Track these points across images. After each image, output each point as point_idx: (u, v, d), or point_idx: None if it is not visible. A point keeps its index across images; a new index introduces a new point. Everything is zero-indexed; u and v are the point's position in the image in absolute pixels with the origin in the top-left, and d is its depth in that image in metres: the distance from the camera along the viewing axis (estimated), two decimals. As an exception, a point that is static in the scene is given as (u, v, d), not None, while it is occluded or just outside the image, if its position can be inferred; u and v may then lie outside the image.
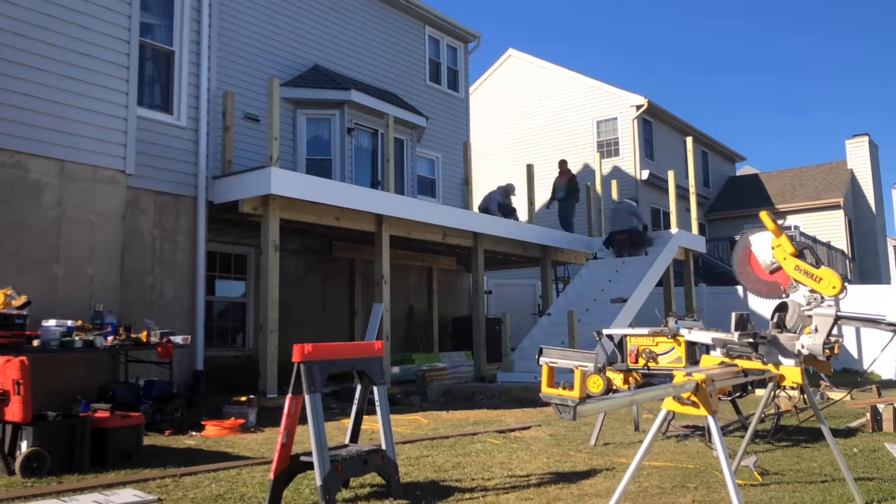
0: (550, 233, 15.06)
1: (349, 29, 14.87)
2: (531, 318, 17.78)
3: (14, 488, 4.65)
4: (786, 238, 4.66)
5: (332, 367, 4.23)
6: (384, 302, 11.12)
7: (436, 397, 10.50)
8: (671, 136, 26.39)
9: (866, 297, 15.65)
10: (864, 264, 28.71)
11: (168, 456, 5.84)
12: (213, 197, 10.06)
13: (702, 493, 4.59)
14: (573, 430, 7.42)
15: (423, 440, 6.70)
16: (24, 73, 7.52)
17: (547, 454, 6.03)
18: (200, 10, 10.15)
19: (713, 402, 3.41)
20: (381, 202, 11.19)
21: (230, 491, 4.61)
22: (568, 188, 16.63)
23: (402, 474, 5.09)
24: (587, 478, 5.08)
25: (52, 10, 7.78)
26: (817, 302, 4.51)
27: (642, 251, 14.34)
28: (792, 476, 5.19)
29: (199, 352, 9.61)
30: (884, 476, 5.18)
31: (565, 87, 25.64)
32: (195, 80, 10.00)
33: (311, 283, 13.45)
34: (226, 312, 12.42)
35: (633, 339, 6.38)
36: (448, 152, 17.10)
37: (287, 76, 13.18)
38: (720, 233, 26.91)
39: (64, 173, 7.81)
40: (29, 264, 7.45)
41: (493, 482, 4.93)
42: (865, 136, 29.01)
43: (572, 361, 2.77)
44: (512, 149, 25.72)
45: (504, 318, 12.18)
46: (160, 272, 9.46)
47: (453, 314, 16.71)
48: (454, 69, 17.80)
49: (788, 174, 30.15)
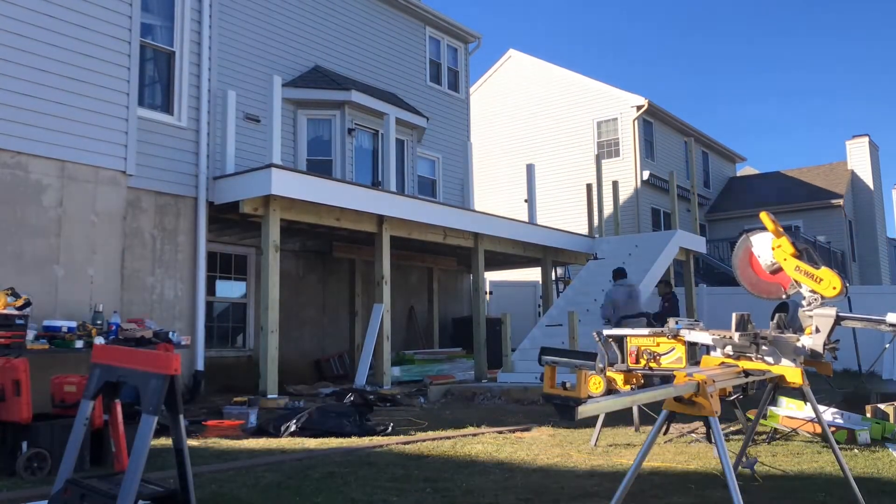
0: (551, 233, 15.06)
1: (349, 29, 14.88)
2: (532, 319, 17.79)
3: (15, 489, 4.65)
4: (786, 239, 4.66)
5: (109, 375, 3.39)
6: (385, 302, 11.12)
7: (436, 398, 10.50)
8: (671, 137, 26.39)
9: (866, 298, 15.63)
10: (864, 265, 28.71)
11: (168, 456, 5.82)
12: (213, 197, 10.06)
13: (702, 494, 4.59)
14: (573, 430, 7.42)
15: (423, 441, 6.70)
16: (25, 74, 7.52)
17: (547, 455, 6.03)
18: (201, 11, 10.15)
19: (714, 403, 3.41)
20: (381, 203, 11.18)
21: (230, 491, 4.61)
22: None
23: (402, 475, 5.09)
24: (587, 478, 5.08)
25: (53, 11, 7.78)
26: (818, 302, 4.51)
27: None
28: (793, 477, 5.18)
29: (200, 352, 9.61)
30: (885, 477, 5.18)
31: (566, 88, 25.64)
32: (196, 81, 10.00)
33: (312, 284, 13.45)
34: (226, 313, 12.42)
35: (634, 340, 6.38)
36: (448, 153, 17.11)
37: (288, 76, 13.19)
38: (720, 233, 26.91)
39: (65, 174, 7.81)
40: (29, 265, 7.45)
41: (493, 483, 4.93)
42: (866, 137, 29.01)
43: (574, 361, 2.79)
44: (512, 149, 25.71)
45: (504, 318, 12.18)
46: (161, 272, 9.46)
47: (454, 314, 16.71)
48: (454, 70, 17.81)
49: (789, 174, 30.15)
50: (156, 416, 3.02)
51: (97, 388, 3.39)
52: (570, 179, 24.20)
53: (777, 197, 28.00)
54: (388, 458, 5.81)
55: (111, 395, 4.05)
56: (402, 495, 4.51)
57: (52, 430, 5.21)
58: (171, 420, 3.24)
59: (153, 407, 3.10)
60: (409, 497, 4.47)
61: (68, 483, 3.26)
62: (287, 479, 4.96)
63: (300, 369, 12.57)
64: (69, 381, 5.51)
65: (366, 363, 10.78)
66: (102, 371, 3.37)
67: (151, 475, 5.07)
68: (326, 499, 4.43)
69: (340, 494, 4.53)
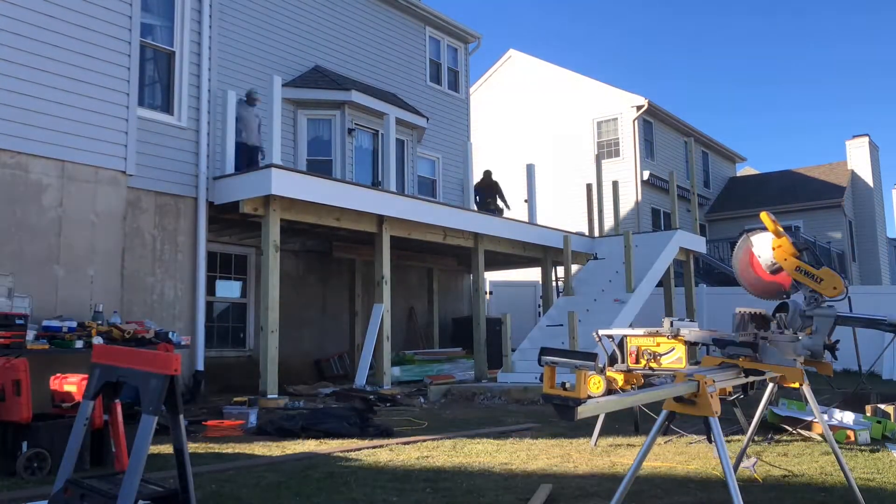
0: (551, 233, 15.06)
1: (349, 29, 14.88)
2: (532, 319, 17.78)
3: (15, 489, 4.65)
4: (786, 239, 4.66)
5: (109, 375, 3.39)
6: (385, 302, 11.12)
7: (436, 398, 10.50)
8: (671, 137, 26.39)
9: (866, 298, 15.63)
10: (864, 265, 28.71)
11: (168, 457, 5.83)
12: (213, 197, 10.06)
13: (702, 494, 4.59)
14: (573, 430, 7.41)
15: (423, 441, 6.70)
16: (25, 74, 7.52)
17: (547, 455, 6.03)
18: (201, 11, 10.15)
19: (714, 403, 3.41)
20: (381, 203, 11.18)
21: (230, 491, 4.61)
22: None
23: (402, 475, 5.09)
24: (588, 478, 5.08)
25: (53, 11, 7.79)
26: (818, 302, 4.51)
27: None
28: (793, 477, 5.18)
29: (200, 352, 9.61)
30: (885, 477, 5.18)
31: (566, 88, 25.64)
32: (196, 81, 10.00)
33: (312, 284, 13.45)
34: (226, 313, 12.42)
35: (634, 340, 6.38)
36: (448, 153, 17.11)
37: (288, 77, 13.19)
38: (720, 233, 26.90)
39: (65, 174, 7.81)
40: (29, 265, 7.45)
41: (493, 483, 4.93)
42: (866, 137, 29.01)
43: (573, 361, 2.80)
44: (512, 149, 25.70)
45: (504, 318, 12.18)
46: (161, 272, 9.46)
47: (454, 315, 16.71)
48: (455, 70, 17.81)
49: (789, 175, 30.15)
50: (156, 416, 3.01)
51: (97, 388, 3.39)
52: (570, 179, 24.20)
53: (777, 197, 28.00)
54: (388, 457, 5.81)
55: (111, 395, 4.06)
56: (402, 495, 4.50)
57: (52, 430, 5.21)
58: (171, 420, 3.21)
59: (153, 407, 3.08)
60: (409, 497, 4.46)
61: (68, 483, 3.25)
62: (287, 479, 4.96)
63: (300, 369, 12.57)
64: (69, 381, 5.51)
65: (366, 363, 10.78)
66: (102, 371, 3.36)
67: (151, 475, 5.07)
68: (326, 499, 4.43)
69: (340, 494, 4.53)
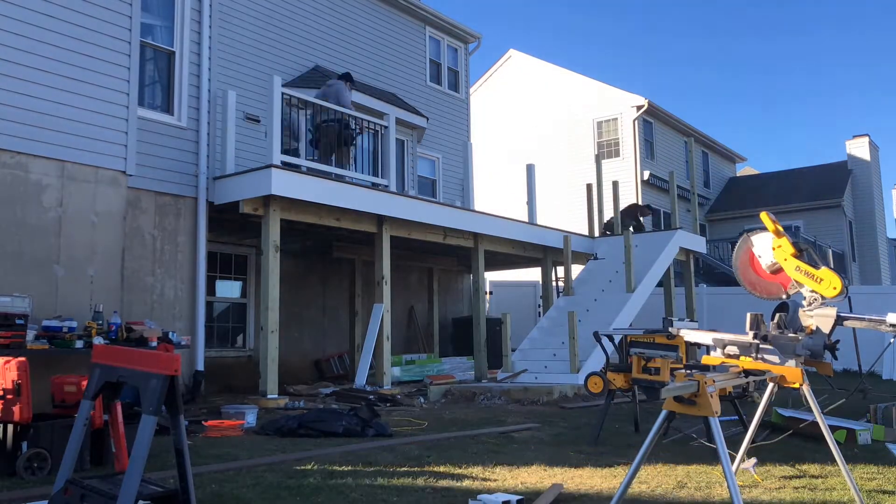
0: (551, 233, 15.05)
1: (349, 29, 14.87)
2: (532, 319, 17.78)
3: (15, 489, 4.65)
4: (786, 239, 4.67)
5: (109, 375, 3.36)
6: (385, 303, 11.12)
7: (436, 398, 10.50)
8: (671, 137, 26.40)
9: (866, 298, 15.63)
10: (864, 265, 28.71)
11: (168, 457, 5.83)
12: (213, 197, 10.06)
13: (702, 494, 4.59)
14: (574, 430, 7.42)
15: (423, 441, 6.70)
16: (25, 74, 7.52)
17: (547, 455, 6.03)
18: (201, 11, 10.15)
19: (714, 403, 3.42)
20: (381, 203, 11.18)
21: (230, 491, 4.61)
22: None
23: (402, 475, 5.09)
24: (587, 479, 5.08)
25: (53, 11, 7.78)
26: (818, 302, 4.51)
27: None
28: (792, 477, 5.18)
29: (200, 352, 9.62)
30: (885, 476, 5.18)
31: (566, 88, 25.65)
32: (196, 81, 10.00)
33: (312, 284, 13.45)
34: (226, 313, 12.42)
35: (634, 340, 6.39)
36: (448, 153, 17.11)
37: (288, 77, 13.18)
38: (721, 233, 26.92)
39: (65, 174, 7.81)
40: (29, 265, 7.45)
41: (493, 483, 4.93)
42: (866, 137, 29.02)
43: (658, 353, 3.29)
44: (512, 149, 25.71)
45: (504, 318, 12.18)
46: (161, 273, 9.46)
47: (454, 315, 16.71)
48: (455, 70, 17.81)
49: (789, 175, 30.15)
50: (156, 417, 3.01)
51: (97, 388, 3.38)
52: (570, 179, 24.20)
53: (777, 197, 28.01)
54: (388, 458, 5.81)
55: (111, 396, 4.05)
56: (402, 495, 4.50)
57: (52, 430, 5.21)
58: (171, 420, 3.20)
59: (153, 407, 3.06)
60: (409, 497, 4.46)
61: (68, 483, 3.24)
62: (287, 479, 4.96)
63: (300, 369, 12.57)
64: (69, 381, 5.51)
65: (366, 363, 10.78)
66: (102, 371, 3.33)
67: (151, 475, 5.07)
68: (326, 499, 4.43)
69: (340, 494, 4.53)
